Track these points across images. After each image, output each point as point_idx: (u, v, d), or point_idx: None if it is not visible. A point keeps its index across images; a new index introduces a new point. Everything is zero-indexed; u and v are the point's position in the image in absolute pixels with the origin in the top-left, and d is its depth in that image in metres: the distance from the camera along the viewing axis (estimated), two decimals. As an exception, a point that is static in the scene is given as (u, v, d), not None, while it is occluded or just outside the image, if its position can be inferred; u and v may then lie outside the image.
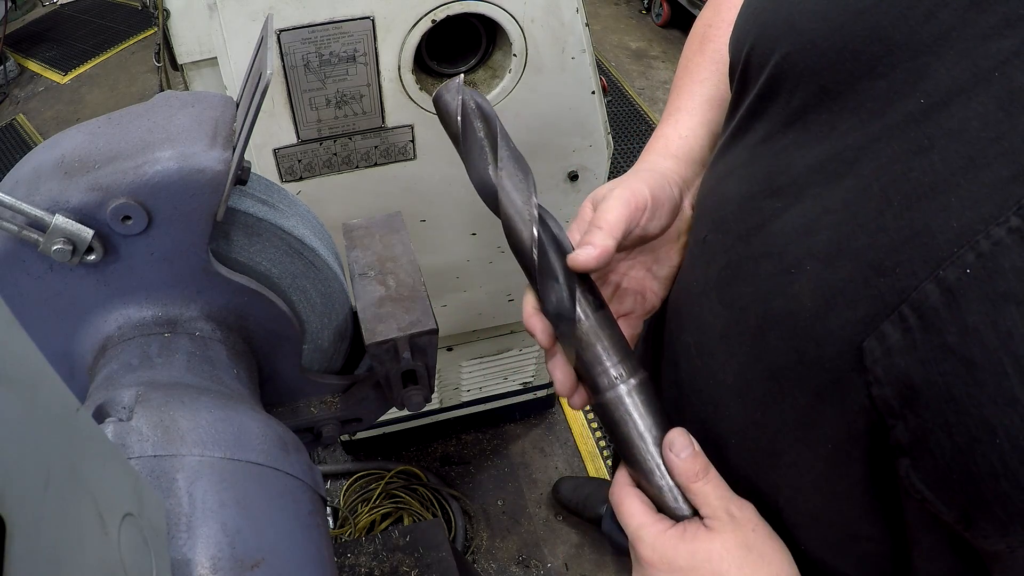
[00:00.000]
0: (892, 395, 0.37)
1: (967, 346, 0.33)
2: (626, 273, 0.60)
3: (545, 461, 1.95)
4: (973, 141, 0.34)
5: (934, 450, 0.36)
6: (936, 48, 0.36)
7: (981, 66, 0.34)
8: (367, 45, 0.98)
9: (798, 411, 0.44)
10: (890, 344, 0.36)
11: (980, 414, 0.33)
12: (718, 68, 0.63)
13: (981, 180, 0.33)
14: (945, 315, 0.34)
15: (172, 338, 0.53)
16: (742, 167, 0.49)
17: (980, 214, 0.33)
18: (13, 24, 3.82)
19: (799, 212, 0.43)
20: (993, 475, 0.33)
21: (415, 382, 0.64)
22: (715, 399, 0.52)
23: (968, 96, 0.35)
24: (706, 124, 0.62)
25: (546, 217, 0.53)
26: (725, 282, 0.49)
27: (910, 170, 0.36)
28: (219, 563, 0.38)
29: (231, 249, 0.55)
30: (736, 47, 0.51)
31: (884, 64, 0.38)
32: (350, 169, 1.11)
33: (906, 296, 0.35)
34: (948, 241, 0.34)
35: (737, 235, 0.48)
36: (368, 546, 0.81)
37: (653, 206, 0.54)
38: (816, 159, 0.42)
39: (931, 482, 0.37)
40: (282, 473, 0.46)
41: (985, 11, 0.34)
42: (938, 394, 0.34)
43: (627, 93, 3.31)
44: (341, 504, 1.81)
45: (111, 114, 0.53)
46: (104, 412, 0.44)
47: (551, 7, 1.02)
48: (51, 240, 0.46)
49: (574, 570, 1.75)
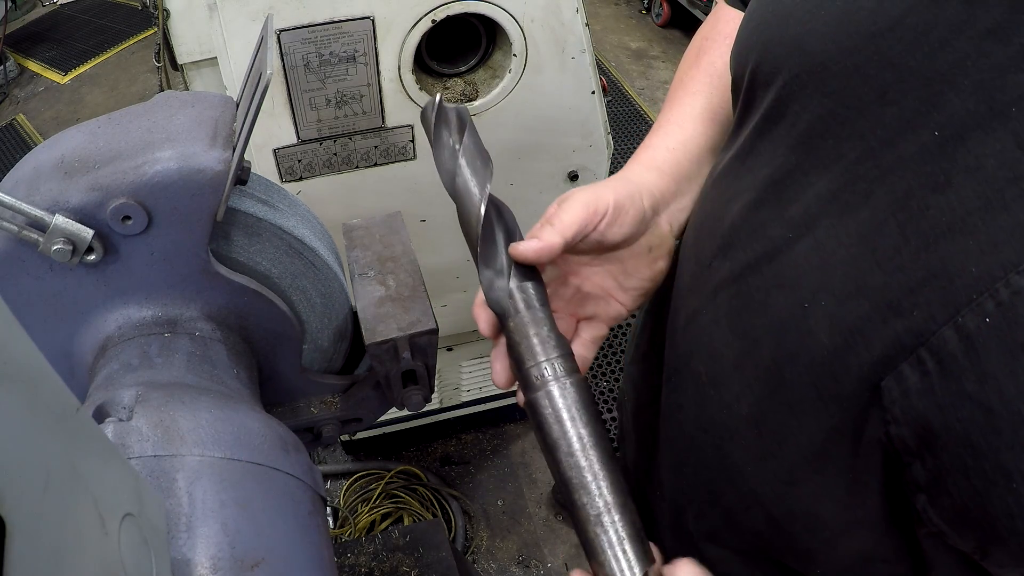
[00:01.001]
0: (909, 435, 0.37)
1: (985, 393, 0.33)
2: (588, 278, 0.59)
3: (545, 461, 1.94)
4: (990, 180, 0.34)
5: (951, 490, 0.36)
6: (951, 78, 0.35)
7: (998, 100, 0.34)
8: (367, 45, 0.98)
9: (815, 443, 0.44)
10: (908, 386, 0.36)
11: (997, 459, 0.33)
12: (712, 81, 0.63)
13: (999, 223, 0.33)
14: (964, 362, 0.34)
15: (172, 338, 0.53)
16: (747, 191, 0.49)
17: (999, 260, 0.33)
18: (13, 24, 3.82)
19: (812, 244, 0.42)
20: (1009, 515, 0.33)
21: (415, 382, 0.64)
22: (730, 428, 0.51)
23: (984, 131, 0.34)
24: (697, 138, 0.61)
25: (500, 207, 0.53)
26: (736, 312, 0.48)
27: (927, 207, 0.36)
28: (219, 563, 0.38)
29: (231, 249, 0.55)
30: (738, 64, 0.50)
31: (896, 91, 0.38)
32: (350, 169, 1.11)
33: (924, 340, 0.35)
34: (967, 286, 0.34)
35: (745, 263, 0.47)
36: (368, 546, 0.81)
37: (614, 214, 0.53)
38: (827, 188, 0.42)
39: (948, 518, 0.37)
40: (282, 473, 0.46)
41: (1002, 41, 0.34)
42: (956, 438, 0.35)
43: (627, 93, 3.31)
44: (341, 504, 1.81)
45: (111, 114, 0.53)
46: (104, 412, 0.44)
47: (551, 7, 1.02)
48: (51, 240, 0.46)
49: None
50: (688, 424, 0.57)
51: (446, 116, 0.56)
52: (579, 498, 0.46)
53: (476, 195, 0.52)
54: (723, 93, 0.61)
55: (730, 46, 0.53)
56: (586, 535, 0.46)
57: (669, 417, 0.61)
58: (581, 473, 0.47)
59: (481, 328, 0.53)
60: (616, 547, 0.45)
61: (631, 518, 0.46)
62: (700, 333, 0.53)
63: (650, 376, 0.65)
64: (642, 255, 0.58)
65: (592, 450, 0.47)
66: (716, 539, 0.59)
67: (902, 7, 0.37)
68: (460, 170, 0.53)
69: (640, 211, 0.55)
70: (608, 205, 0.53)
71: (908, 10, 0.37)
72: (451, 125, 0.56)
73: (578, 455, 0.47)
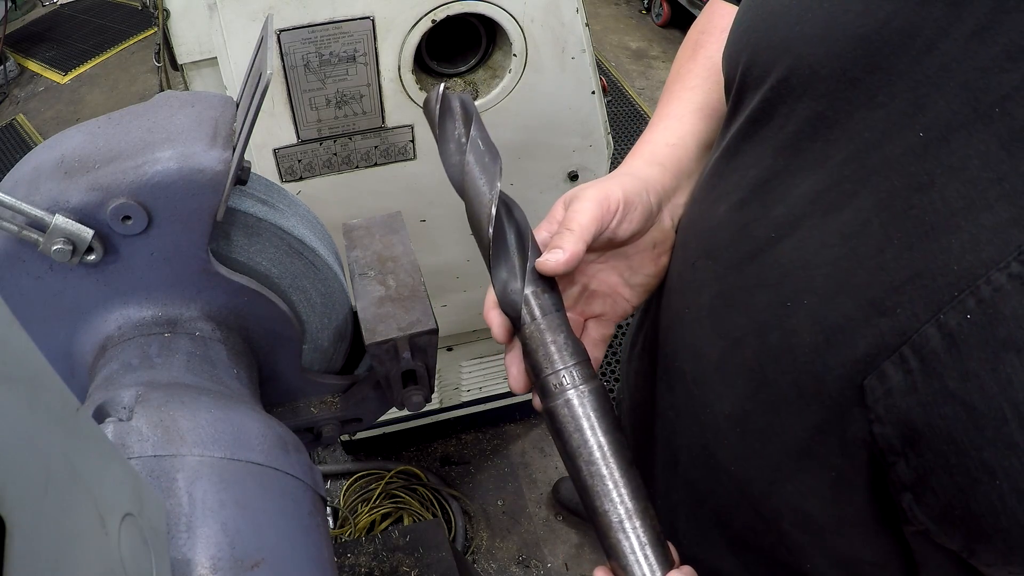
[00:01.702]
0: (893, 434, 0.37)
1: (967, 391, 0.33)
2: (595, 276, 0.58)
3: (545, 461, 1.95)
4: (974, 180, 0.34)
5: (936, 488, 0.36)
6: (937, 80, 0.35)
7: (982, 100, 0.34)
8: (367, 45, 0.98)
9: (799, 442, 0.44)
10: (891, 385, 0.36)
11: (980, 456, 0.33)
12: (709, 75, 0.63)
13: (982, 222, 0.33)
14: (946, 360, 0.34)
15: (172, 338, 0.53)
16: (733, 192, 0.49)
17: (981, 258, 0.33)
18: (13, 24, 3.82)
19: (795, 244, 0.42)
20: (993, 512, 0.33)
21: (415, 382, 0.64)
22: (714, 427, 0.51)
23: (968, 132, 0.34)
24: (695, 134, 0.61)
25: (511, 205, 0.52)
26: (718, 311, 0.48)
27: (910, 207, 0.36)
28: (219, 563, 0.38)
29: (231, 249, 0.55)
30: (730, 64, 0.50)
31: (884, 94, 0.38)
32: (350, 169, 1.11)
33: (907, 338, 0.35)
34: (949, 284, 0.34)
35: (728, 263, 0.47)
36: (368, 546, 0.81)
37: (624, 210, 0.52)
38: (812, 188, 0.42)
39: (933, 516, 0.37)
40: (282, 473, 0.46)
41: (986, 42, 0.34)
42: (939, 436, 0.35)
43: (627, 93, 3.31)
44: (341, 504, 1.81)
45: (111, 114, 0.53)
46: (104, 412, 0.44)
47: (551, 7, 1.02)
48: (51, 240, 0.46)
49: (574, 570, 1.75)
50: (678, 422, 0.57)
51: (451, 107, 0.54)
52: (600, 505, 0.47)
53: (486, 194, 0.50)
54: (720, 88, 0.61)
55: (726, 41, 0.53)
56: (608, 540, 0.47)
57: (662, 416, 0.61)
58: (603, 481, 0.47)
59: (495, 332, 0.52)
60: (638, 552, 0.46)
61: (651, 523, 0.47)
62: (684, 332, 0.53)
63: (645, 375, 0.65)
64: (647, 251, 0.58)
65: (612, 458, 0.47)
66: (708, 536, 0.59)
67: (888, 10, 0.37)
68: (468, 167, 0.51)
69: (647, 206, 0.55)
70: (619, 202, 0.52)
71: (894, 13, 0.37)
72: (456, 117, 0.54)
73: (599, 463, 0.47)
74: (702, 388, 0.52)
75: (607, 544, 0.47)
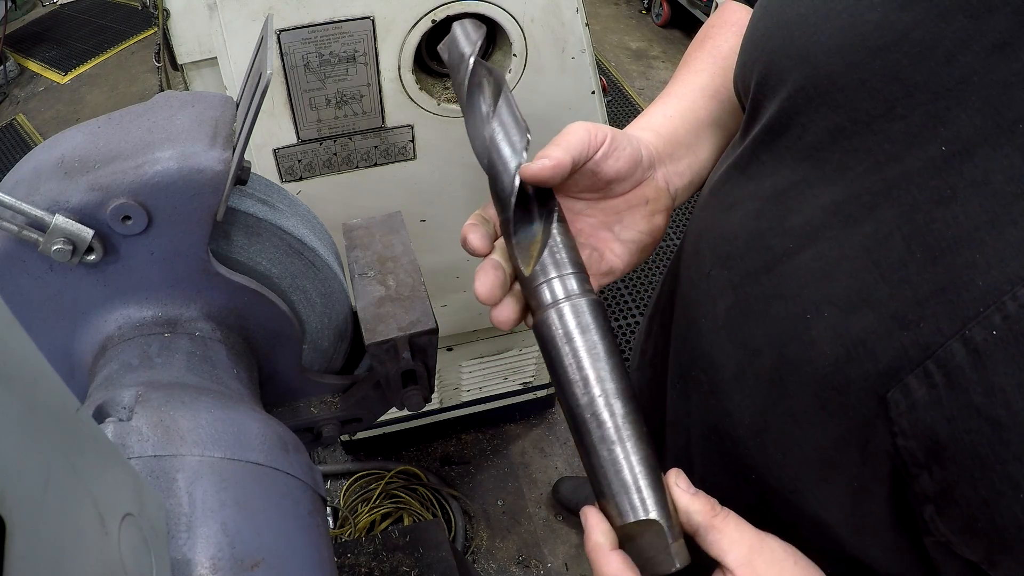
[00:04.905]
0: (917, 447, 0.37)
1: (993, 406, 0.33)
2: (583, 225, 0.57)
3: (545, 461, 1.95)
4: (997, 195, 0.34)
5: (959, 501, 0.36)
6: (957, 93, 0.35)
7: (1005, 116, 0.34)
8: (367, 45, 0.98)
9: (820, 452, 0.44)
10: (915, 399, 0.36)
11: (1005, 470, 0.33)
12: (715, 61, 0.63)
13: (1006, 238, 0.33)
14: (971, 375, 0.34)
15: (172, 338, 0.53)
16: (748, 200, 0.48)
17: (1006, 273, 0.33)
18: (13, 24, 3.82)
19: (814, 255, 0.42)
20: (1018, 526, 0.34)
21: (415, 382, 0.64)
22: (733, 437, 0.51)
23: (992, 147, 0.34)
24: (694, 110, 0.61)
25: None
26: (734, 321, 0.48)
27: (932, 221, 0.36)
28: (219, 563, 0.38)
29: (231, 249, 0.55)
30: (743, 74, 0.50)
31: (903, 106, 0.38)
32: (350, 169, 1.11)
33: (931, 352, 0.35)
34: (974, 299, 0.34)
35: (745, 273, 0.47)
36: (368, 546, 0.81)
37: (611, 144, 0.52)
38: (831, 200, 0.42)
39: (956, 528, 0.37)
40: (282, 473, 0.46)
41: (1008, 57, 0.34)
42: (964, 450, 0.35)
43: (627, 93, 3.30)
44: (341, 504, 1.81)
45: (111, 114, 0.53)
46: (104, 412, 0.44)
47: (551, 7, 1.02)
48: (51, 240, 0.46)
49: (574, 570, 1.75)
50: (693, 431, 0.57)
51: (479, 77, 0.54)
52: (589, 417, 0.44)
53: (511, 170, 0.51)
54: (725, 73, 0.61)
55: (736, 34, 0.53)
56: (596, 460, 0.44)
57: (675, 423, 0.60)
58: (593, 402, 0.45)
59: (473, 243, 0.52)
60: (627, 474, 0.43)
61: (646, 445, 0.44)
62: (701, 341, 0.53)
63: (655, 382, 0.65)
64: (639, 206, 0.57)
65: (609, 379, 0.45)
66: None
67: (908, 21, 0.37)
68: (494, 142, 0.52)
69: (636, 152, 0.54)
70: (606, 135, 0.52)
71: (914, 24, 0.37)
72: (484, 89, 0.54)
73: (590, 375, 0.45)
74: (720, 398, 0.51)
75: (591, 467, 0.45)
